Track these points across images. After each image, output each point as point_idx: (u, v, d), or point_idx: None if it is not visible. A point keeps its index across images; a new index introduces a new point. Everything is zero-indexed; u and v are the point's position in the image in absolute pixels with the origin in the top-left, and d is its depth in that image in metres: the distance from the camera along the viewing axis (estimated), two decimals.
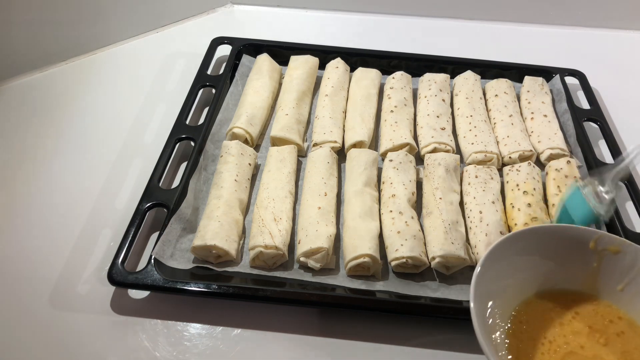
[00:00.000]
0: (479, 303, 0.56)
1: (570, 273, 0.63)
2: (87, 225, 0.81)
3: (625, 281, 0.62)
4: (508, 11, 1.31)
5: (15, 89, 1.04)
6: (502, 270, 0.59)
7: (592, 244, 0.62)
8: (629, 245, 0.61)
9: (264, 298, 0.69)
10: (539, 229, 0.63)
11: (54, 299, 0.71)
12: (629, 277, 0.61)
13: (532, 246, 0.62)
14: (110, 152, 0.92)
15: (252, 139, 0.92)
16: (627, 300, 0.62)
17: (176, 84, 1.07)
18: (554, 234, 0.62)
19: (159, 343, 0.67)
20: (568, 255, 0.62)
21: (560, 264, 0.63)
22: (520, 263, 0.61)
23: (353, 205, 0.80)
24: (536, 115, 0.98)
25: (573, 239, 0.62)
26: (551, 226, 0.65)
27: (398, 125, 0.94)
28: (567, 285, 0.63)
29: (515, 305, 0.61)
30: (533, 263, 0.62)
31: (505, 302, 0.60)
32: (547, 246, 0.62)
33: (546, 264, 0.62)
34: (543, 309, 0.62)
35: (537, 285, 0.63)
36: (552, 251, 0.62)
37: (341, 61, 1.06)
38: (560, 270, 0.63)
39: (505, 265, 0.60)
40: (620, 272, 0.62)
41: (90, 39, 1.14)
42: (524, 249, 0.61)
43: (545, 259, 0.62)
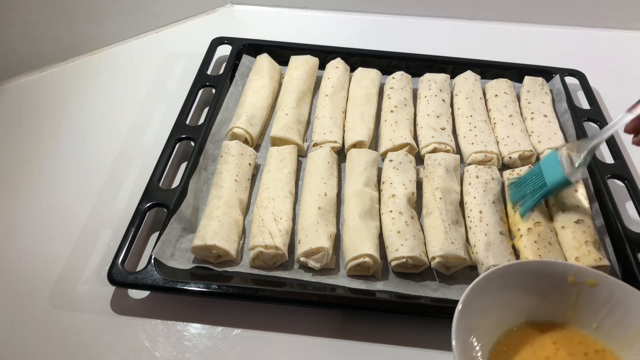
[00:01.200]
0: (461, 340, 0.56)
1: (551, 306, 0.63)
2: (87, 225, 0.80)
3: (603, 314, 0.62)
4: (508, 11, 1.31)
5: (15, 89, 1.04)
6: (483, 306, 0.59)
7: (571, 278, 0.62)
8: (604, 278, 0.61)
9: (264, 298, 0.69)
10: (518, 265, 0.63)
11: (54, 299, 0.71)
12: (606, 310, 0.61)
13: (512, 282, 0.61)
14: (110, 152, 0.92)
15: (252, 139, 0.92)
16: (606, 333, 0.62)
17: (176, 84, 1.07)
18: (533, 269, 0.62)
19: (159, 343, 0.67)
20: (548, 289, 0.62)
21: (541, 298, 0.63)
22: (501, 298, 0.61)
23: (353, 205, 0.80)
24: (536, 115, 0.98)
25: (552, 274, 0.62)
26: (531, 262, 0.65)
27: (398, 125, 0.94)
28: (549, 317, 0.63)
29: (496, 338, 0.61)
30: (514, 298, 0.62)
31: (487, 336, 0.60)
32: (527, 281, 0.62)
33: (527, 298, 0.63)
34: (524, 341, 0.61)
35: (518, 319, 0.63)
36: (533, 286, 0.62)
37: (341, 61, 1.06)
38: (541, 304, 0.63)
39: (487, 301, 0.60)
40: (599, 305, 0.62)
41: (90, 39, 1.14)
42: (504, 284, 0.61)
43: (526, 293, 0.62)
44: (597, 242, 0.76)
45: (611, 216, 0.81)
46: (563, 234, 0.78)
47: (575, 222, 0.78)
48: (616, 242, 0.79)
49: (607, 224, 0.82)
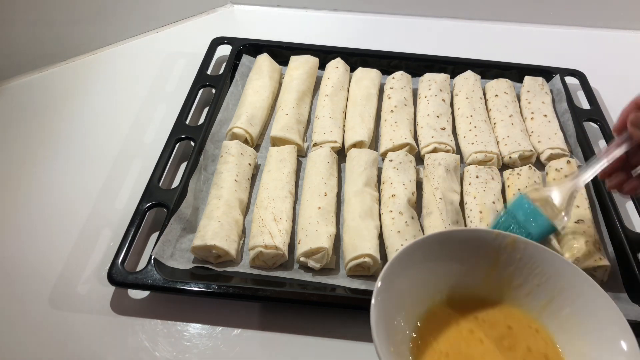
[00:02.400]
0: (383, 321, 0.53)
1: (476, 277, 0.62)
2: (87, 225, 0.81)
3: (521, 280, 0.61)
4: (508, 11, 1.31)
5: (15, 89, 1.04)
6: (405, 282, 0.57)
7: (491, 243, 0.61)
8: (519, 239, 0.60)
9: (264, 298, 0.69)
10: (436, 236, 0.61)
11: (54, 299, 0.71)
12: (524, 276, 0.61)
13: (433, 253, 0.60)
14: (110, 152, 0.92)
15: (252, 139, 0.92)
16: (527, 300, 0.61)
17: (176, 84, 1.07)
18: (452, 238, 0.61)
19: (159, 343, 0.67)
20: (471, 258, 0.61)
21: (465, 268, 0.61)
22: (424, 271, 0.59)
23: (353, 205, 0.80)
24: (536, 115, 0.98)
25: (474, 241, 0.61)
26: (448, 231, 0.63)
27: (398, 125, 0.94)
28: (475, 290, 0.62)
29: (420, 316, 0.59)
30: (437, 270, 0.60)
31: (410, 314, 0.59)
32: (448, 251, 0.60)
33: (451, 270, 0.61)
34: (446, 319, 0.60)
35: (444, 292, 0.61)
36: (455, 255, 0.61)
37: (341, 61, 1.06)
38: (466, 275, 0.62)
39: (409, 276, 0.58)
40: (519, 271, 0.61)
41: (90, 39, 1.14)
42: (425, 257, 0.59)
43: (449, 264, 0.61)
44: (597, 242, 0.76)
45: (611, 216, 0.81)
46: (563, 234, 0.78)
47: (575, 222, 0.78)
48: (616, 242, 0.79)
49: (607, 224, 0.82)
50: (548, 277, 0.60)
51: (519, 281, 0.62)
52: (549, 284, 0.60)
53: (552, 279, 0.60)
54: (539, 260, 0.60)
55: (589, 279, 0.58)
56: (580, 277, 0.58)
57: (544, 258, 0.60)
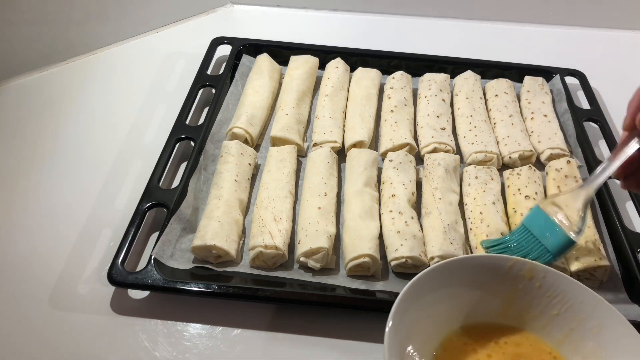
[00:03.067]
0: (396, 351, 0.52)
1: (492, 304, 0.60)
2: (87, 225, 0.80)
3: (540, 309, 0.59)
4: (508, 11, 1.31)
5: (14, 89, 1.04)
6: (419, 311, 0.56)
7: (507, 271, 0.59)
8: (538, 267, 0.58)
9: (264, 298, 0.69)
10: (450, 263, 0.58)
11: (54, 299, 0.71)
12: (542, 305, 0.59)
13: (447, 280, 0.58)
14: (110, 152, 0.92)
15: (252, 139, 0.92)
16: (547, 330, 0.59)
17: (176, 84, 1.07)
18: (467, 265, 0.59)
19: (159, 343, 0.67)
20: (487, 285, 0.59)
21: (481, 296, 0.59)
22: (438, 300, 0.57)
23: (353, 205, 0.80)
24: (536, 115, 0.98)
25: (489, 267, 0.59)
26: (464, 258, 0.60)
27: (398, 125, 0.94)
28: (491, 318, 0.60)
29: (436, 346, 0.58)
30: (451, 298, 0.59)
31: (425, 343, 0.57)
32: (463, 278, 0.59)
33: (466, 298, 0.59)
34: (463, 346, 0.58)
35: (460, 320, 0.60)
36: (470, 282, 0.59)
37: (341, 61, 1.06)
38: (482, 302, 0.60)
39: (421, 306, 0.56)
40: (538, 300, 0.59)
41: (90, 39, 1.14)
42: (439, 284, 0.57)
43: (464, 291, 0.59)
44: (597, 242, 0.76)
45: (611, 216, 0.81)
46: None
47: None
48: (616, 242, 0.79)
49: (607, 224, 0.82)
50: (568, 307, 0.58)
51: (538, 310, 0.60)
52: (569, 313, 0.58)
53: (572, 308, 0.58)
54: (559, 289, 0.58)
55: (612, 309, 0.55)
56: (603, 307, 0.56)
57: (564, 286, 0.58)
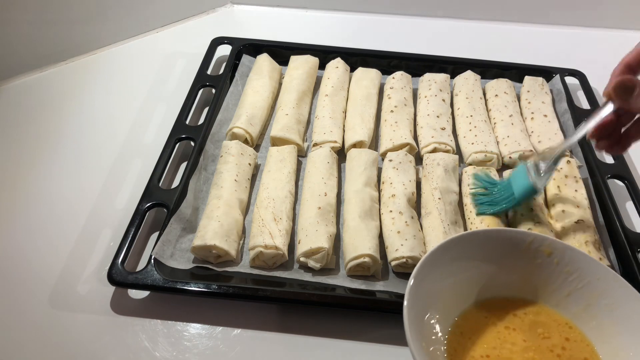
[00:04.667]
0: (415, 315, 0.53)
1: (509, 278, 0.61)
2: (87, 225, 0.80)
3: (557, 284, 0.60)
4: (508, 11, 1.31)
5: (14, 89, 1.04)
6: (437, 281, 0.57)
7: (527, 246, 0.60)
8: (557, 243, 0.60)
9: (264, 298, 0.69)
10: (470, 235, 0.60)
11: (54, 299, 0.71)
12: (560, 280, 0.60)
13: (466, 252, 0.59)
14: (110, 152, 0.92)
15: (252, 139, 0.92)
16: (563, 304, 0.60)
17: (176, 84, 1.07)
18: (487, 238, 0.60)
19: (159, 343, 0.67)
20: (505, 259, 0.60)
21: (498, 269, 0.61)
22: (456, 271, 0.59)
23: (353, 205, 0.80)
24: (536, 115, 0.98)
25: (508, 241, 0.60)
26: (484, 231, 0.62)
27: (398, 125, 0.94)
28: (508, 292, 0.61)
29: (454, 317, 0.59)
30: (470, 270, 0.60)
31: (445, 312, 0.58)
32: (482, 251, 0.60)
33: (484, 271, 0.60)
34: (481, 319, 0.59)
35: (476, 294, 0.61)
36: (489, 256, 0.60)
37: (341, 61, 1.06)
38: (499, 276, 0.61)
39: (441, 275, 0.57)
40: (555, 275, 0.60)
41: (89, 39, 1.14)
42: (458, 256, 0.59)
43: (482, 264, 0.60)
44: (597, 242, 0.76)
45: (611, 216, 0.81)
46: (563, 234, 0.78)
47: (575, 222, 0.78)
48: (616, 242, 0.79)
49: (607, 224, 0.82)
50: (586, 283, 0.59)
51: (555, 285, 0.61)
52: (587, 289, 0.59)
53: (590, 285, 0.58)
54: (577, 265, 0.59)
55: (629, 287, 0.56)
56: (620, 284, 0.57)
57: (582, 264, 0.59)
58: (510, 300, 0.62)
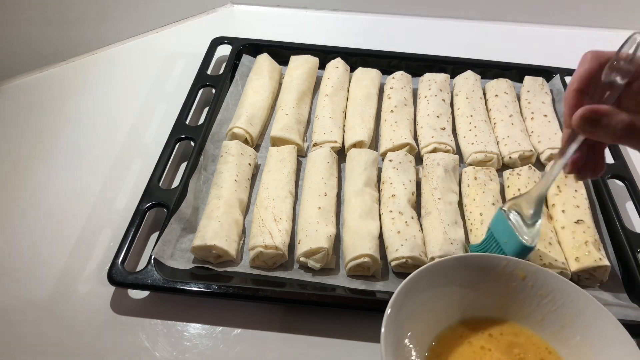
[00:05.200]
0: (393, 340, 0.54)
1: (486, 301, 0.62)
2: (87, 225, 0.81)
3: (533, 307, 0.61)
4: (508, 11, 1.31)
5: (15, 89, 1.04)
6: (415, 306, 0.58)
7: (501, 270, 0.61)
8: (531, 267, 0.60)
9: (264, 298, 0.69)
10: (445, 262, 0.61)
11: (54, 299, 0.71)
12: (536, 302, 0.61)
13: (442, 278, 0.60)
14: (110, 152, 0.92)
15: (252, 139, 0.92)
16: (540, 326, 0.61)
17: (176, 84, 1.07)
18: (462, 264, 0.61)
19: (159, 343, 0.67)
20: (481, 283, 0.61)
21: (475, 293, 0.62)
22: (433, 296, 0.60)
23: (353, 205, 0.80)
24: (536, 115, 0.98)
25: (483, 266, 0.61)
26: (458, 257, 0.62)
27: (398, 125, 0.94)
28: (485, 313, 0.62)
29: (432, 338, 0.60)
30: (446, 295, 0.61)
31: (422, 336, 0.59)
32: (458, 276, 0.61)
33: (460, 295, 0.61)
34: (458, 339, 0.60)
35: (453, 316, 0.62)
36: (464, 281, 0.61)
37: (341, 61, 1.06)
38: (476, 300, 0.62)
39: (418, 301, 0.58)
40: (530, 298, 0.61)
41: (90, 39, 1.14)
42: (434, 282, 0.60)
43: (458, 289, 0.61)
44: (597, 242, 0.76)
45: (611, 216, 0.81)
46: (563, 234, 0.78)
47: (575, 222, 0.78)
48: (616, 242, 0.79)
49: (607, 224, 0.82)
50: (560, 305, 0.60)
51: (531, 308, 0.61)
52: (561, 311, 0.60)
53: (564, 306, 0.59)
54: (550, 287, 0.60)
55: (602, 308, 0.57)
56: (593, 305, 0.57)
57: (555, 285, 0.60)
58: (488, 321, 0.62)
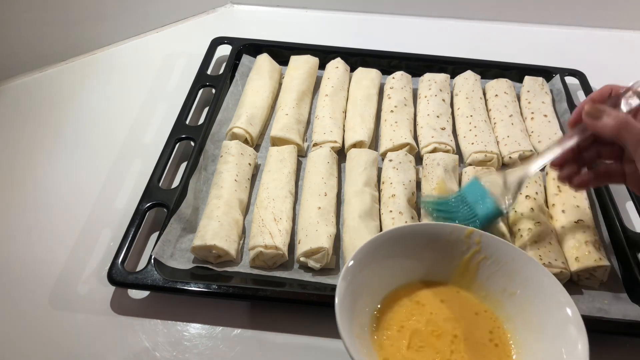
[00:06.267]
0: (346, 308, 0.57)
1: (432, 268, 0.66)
2: (87, 225, 0.80)
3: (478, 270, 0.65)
4: (508, 11, 1.31)
5: (15, 89, 1.04)
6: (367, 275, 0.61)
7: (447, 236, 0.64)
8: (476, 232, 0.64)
9: (264, 298, 0.69)
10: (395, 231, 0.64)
11: (54, 299, 0.71)
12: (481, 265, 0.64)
13: (392, 249, 0.63)
14: (110, 152, 0.92)
15: (252, 139, 0.92)
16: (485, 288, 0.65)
17: (176, 84, 1.07)
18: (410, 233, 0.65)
19: (159, 343, 0.67)
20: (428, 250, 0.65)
21: (421, 260, 0.65)
22: (383, 265, 0.63)
23: (353, 205, 0.80)
24: (536, 115, 0.98)
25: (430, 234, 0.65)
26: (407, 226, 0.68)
27: (398, 125, 0.94)
28: (435, 278, 0.66)
29: (379, 300, 0.63)
30: (395, 263, 0.64)
31: (374, 298, 0.63)
32: (406, 246, 0.64)
33: (408, 263, 0.65)
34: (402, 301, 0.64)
35: (400, 281, 0.65)
36: (411, 249, 0.64)
37: (341, 61, 1.06)
38: (421, 266, 0.65)
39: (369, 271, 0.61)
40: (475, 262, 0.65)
41: (90, 39, 1.14)
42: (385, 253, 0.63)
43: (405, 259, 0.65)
44: (597, 242, 0.76)
45: (611, 216, 0.81)
46: (563, 234, 0.78)
47: (575, 222, 0.78)
48: (616, 242, 0.79)
49: (607, 224, 0.82)
50: (502, 265, 0.63)
51: (477, 269, 0.65)
52: (503, 271, 0.63)
53: (506, 265, 0.63)
54: (494, 249, 0.63)
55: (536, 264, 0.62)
56: (531, 262, 0.62)
57: (498, 248, 0.63)
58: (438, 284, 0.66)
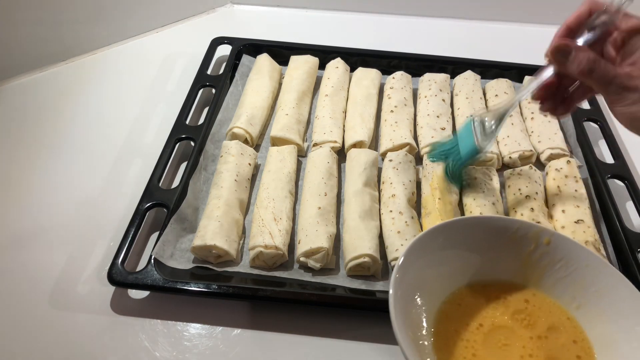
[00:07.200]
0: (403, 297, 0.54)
1: (497, 265, 0.62)
2: (87, 225, 0.80)
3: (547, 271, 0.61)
4: (508, 11, 1.31)
5: (15, 89, 1.04)
6: (425, 265, 0.58)
7: (513, 233, 0.60)
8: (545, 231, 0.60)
9: (264, 298, 0.69)
10: (457, 222, 0.61)
11: (54, 299, 0.71)
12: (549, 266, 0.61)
13: (453, 240, 0.60)
14: (110, 152, 0.92)
15: (252, 139, 0.92)
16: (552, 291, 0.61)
17: (176, 84, 1.07)
18: (474, 225, 0.61)
19: (159, 343, 0.67)
20: (492, 247, 0.61)
21: (485, 257, 0.61)
22: (443, 258, 0.59)
23: (353, 205, 0.80)
24: (536, 115, 0.98)
25: (495, 229, 0.61)
26: (471, 217, 0.64)
27: (398, 125, 0.94)
28: (495, 277, 0.62)
29: (442, 299, 0.60)
30: (456, 257, 0.61)
31: (432, 297, 0.59)
32: (469, 239, 0.61)
33: (470, 258, 0.61)
34: (470, 301, 0.60)
35: (465, 278, 0.62)
36: (475, 244, 0.61)
37: (341, 61, 1.06)
38: (486, 263, 0.62)
39: (429, 260, 0.58)
40: (543, 263, 0.61)
41: (90, 39, 1.14)
42: (444, 244, 0.59)
43: (468, 253, 0.61)
44: (597, 242, 0.76)
45: (611, 216, 0.81)
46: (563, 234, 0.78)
47: (575, 222, 0.78)
48: (616, 242, 0.79)
49: (607, 224, 0.82)
50: (573, 270, 0.59)
51: (544, 272, 0.61)
52: (574, 276, 0.59)
53: (578, 271, 0.59)
54: (564, 252, 0.59)
55: (618, 273, 0.57)
56: (609, 270, 0.57)
57: (568, 250, 0.59)
58: (501, 283, 0.62)
